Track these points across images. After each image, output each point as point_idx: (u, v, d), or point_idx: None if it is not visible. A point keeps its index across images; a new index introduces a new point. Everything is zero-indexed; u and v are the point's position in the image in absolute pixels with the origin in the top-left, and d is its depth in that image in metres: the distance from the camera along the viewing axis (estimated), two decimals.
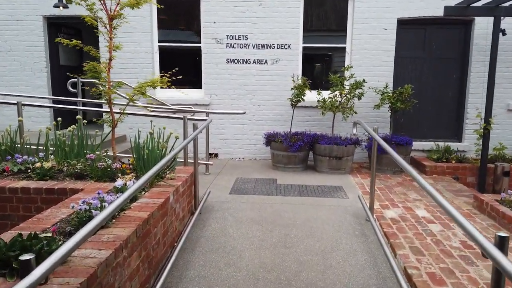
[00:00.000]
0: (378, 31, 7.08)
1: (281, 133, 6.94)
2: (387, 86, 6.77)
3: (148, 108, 6.43)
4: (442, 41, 7.27)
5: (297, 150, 6.31)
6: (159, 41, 7.46)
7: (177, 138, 4.26)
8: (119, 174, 3.70)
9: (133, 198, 3.04)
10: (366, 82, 6.46)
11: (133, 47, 7.30)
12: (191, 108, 7.32)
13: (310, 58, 7.62)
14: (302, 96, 6.44)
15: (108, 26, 4.23)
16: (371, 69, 7.17)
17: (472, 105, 7.13)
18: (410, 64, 7.38)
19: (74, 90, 7.39)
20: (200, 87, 7.54)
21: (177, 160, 4.53)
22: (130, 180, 3.26)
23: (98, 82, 4.42)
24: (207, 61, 7.33)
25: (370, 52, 7.13)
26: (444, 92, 7.41)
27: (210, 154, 7.56)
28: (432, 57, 7.34)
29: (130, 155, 4.08)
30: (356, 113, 6.45)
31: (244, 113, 6.12)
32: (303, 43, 7.35)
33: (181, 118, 5.36)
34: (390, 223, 4.07)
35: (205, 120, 4.96)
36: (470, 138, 7.10)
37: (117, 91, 4.87)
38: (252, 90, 7.36)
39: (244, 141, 7.51)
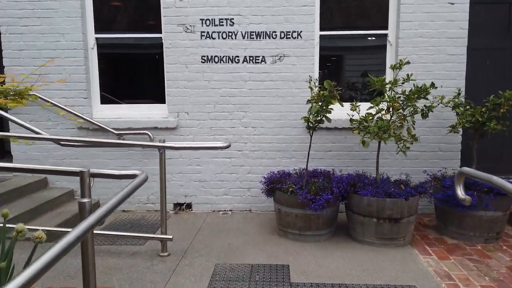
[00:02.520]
0: (441, 7, 4.46)
1: (290, 172, 4.27)
2: (459, 93, 4.12)
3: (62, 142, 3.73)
4: None
5: (322, 207, 3.62)
6: (97, 31, 4.81)
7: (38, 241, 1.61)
8: None
9: None
10: (436, 87, 3.80)
11: (54, 40, 4.64)
12: (147, 134, 4.63)
13: (330, 54, 4.99)
14: (327, 114, 3.78)
15: None
16: (429, 67, 4.53)
17: None
18: (488, 59, 4.75)
19: None
20: (163, 101, 4.87)
21: None
22: None
23: None
24: (172, 61, 4.68)
25: (427, 41, 4.51)
26: None
27: (179, 205, 4.84)
28: None
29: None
30: (417, 140, 3.78)
31: (226, 147, 3.43)
32: (320, 31, 4.72)
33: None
34: None
35: (132, 178, 2.20)
36: None
37: None
38: (243, 105, 4.70)
39: (232, 183, 4.82)
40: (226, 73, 4.67)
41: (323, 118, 3.83)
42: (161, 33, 4.68)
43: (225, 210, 4.85)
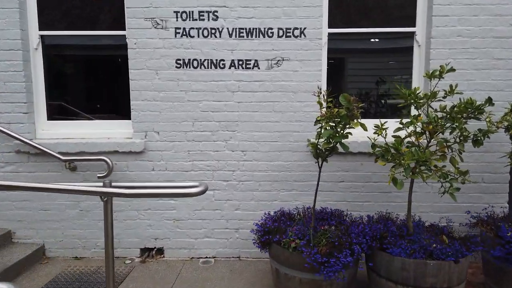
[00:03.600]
0: None
1: (291, 213, 3.22)
2: None
3: None
4: None
5: (337, 273, 2.56)
6: (42, 27, 3.73)
7: None
8: None
9: None
10: (493, 104, 2.77)
11: None
12: (104, 160, 3.56)
13: (339, 57, 3.97)
14: (342, 139, 2.73)
15: None
16: (469, 75, 3.51)
17: None
18: None
19: None
20: (127, 117, 3.79)
21: None
22: None
23: None
24: (137, 65, 3.61)
25: (468, 42, 3.49)
26: None
27: (148, 251, 3.76)
28: None
29: None
30: (467, 176, 2.73)
31: (200, 192, 2.33)
32: (329, 27, 3.69)
33: None
34: None
35: None
36: None
37: None
38: (229, 122, 3.65)
39: (215, 223, 3.75)
40: (208, 82, 3.61)
41: (338, 145, 2.78)
42: (124, 29, 3.62)
43: (206, 257, 3.77)
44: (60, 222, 3.75)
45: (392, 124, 2.96)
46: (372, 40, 3.88)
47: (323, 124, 2.79)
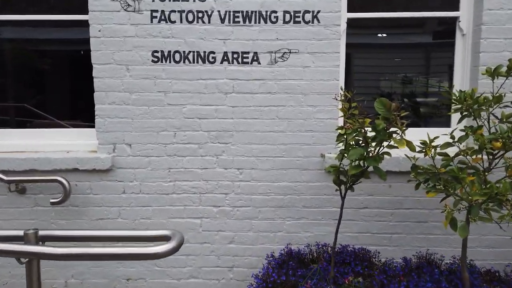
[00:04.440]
0: None
1: (302, 252, 2.43)
2: None
3: None
4: None
5: None
6: None
7: None
8: None
9: None
10: None
11: None
12: (59, 181, 2.76)
13: (359, 50, 3.20)
14: (378, 163, 1.94)
15: None
16: None
17: None
18: None
19: None
20: (91, 125, 2.98)
21: None
22: None
23: None
24: (103, 59, 2.80)
25: None
26: None
27: None
28: None
29: None
30: None
31: (169, 252, 1.58)
32: (349, 12, 2.89)
33: None
34: None
35: None
36: None
37: None
38: (221, 132, 2.85)
39: (203, 259, 2.95)
40: (194, 80, 2.81)
41: (369, 168, 2.00)
42: (86, 13, 2.80)
43: None
44: None
45: (421, 134, 2.15)
46: (400, 27, 3.10)
47: (348, 139, 2.00)
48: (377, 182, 2.78)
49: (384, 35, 3.53)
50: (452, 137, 2.18)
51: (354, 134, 2.03)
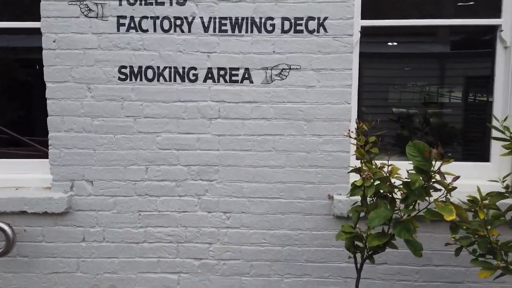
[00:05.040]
0: None
1: None
2: None
3: None
4: None
5: None
6: None
7: None
8: None
9: None
10: None
11: None
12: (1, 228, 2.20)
13: (373, 66, 2.64)
14: (411, 237, 1.36)
15: None
16: None
17: None
18: None
19: None
20: (42, 155, 2.42)
21: None
22: None
23: None
24: (59, 76, 2.26)
25: None
26: None
27: None
28: None
29: None
30: None
31: None
32: (363, 19, 2.33)
33: None
34: None
35: None
36: None
37: None
38: (204, 166, 2.29)
39: None
40: (170, 103, 2.26)
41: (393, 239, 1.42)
42: (39, 20, 2.27)
43: None
44: None
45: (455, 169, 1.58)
46: (426, 38, 2.54)
47: (367, 193, 1.43)
48: None
49: (395, 43, 2.98)
50: (506, 187, 1.61)
51: (376, 184, 1.46)
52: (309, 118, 2.25)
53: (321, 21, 2.21)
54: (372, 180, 1.43)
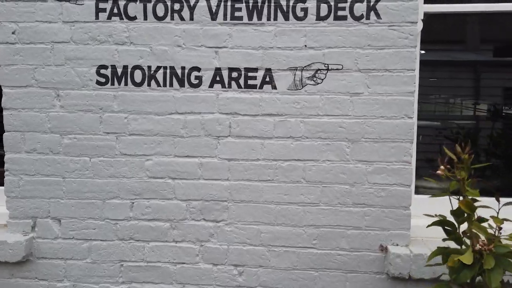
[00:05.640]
0: None
1: None
2: None
3: None
4: None
5: None
6: None
7: None
8: None
9: None
10: None
11: None
12: None
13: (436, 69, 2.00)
14: None
15: None
16: None
17: None
18: None
19: None
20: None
21: None
22: None
23: None
24: (19, 79, 1.70)
25: None
26: None
27: None
28: None
29: None
30: None
31: None
32: (426, 2, 1.70)
33: None
34: None
35: None
36: None
37: None
38: (209, 202, 1.68)
39: None
40: (165, 115, 1.67)
41: None
42: None
43: None
44: None
45: None
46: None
47: (489, 282, 0.78)
48: None
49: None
50: None
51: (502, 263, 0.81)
52: (354, 138, 1.62)
53: (372, 3, 1.59)
54: (493, 257, 0.80)
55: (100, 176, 1.71)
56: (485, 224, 1.04)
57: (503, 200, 1.16)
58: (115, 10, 1.66)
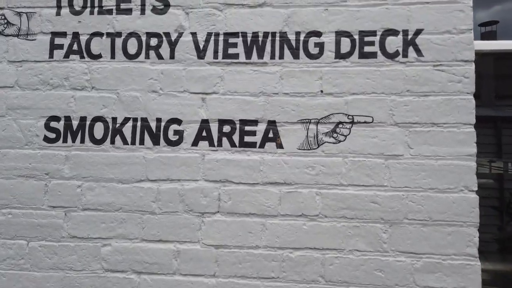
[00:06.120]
0: None
1: None
2: None
3: None
4: None
5: None
6: None
7: None
8: None
9: None
10: None
11: None
12: None
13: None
14: None
15: None
16: None
17: None
18: None
19: None
20: None
21: None
22: None
23: None
24: None
25: None
26: None
27: None
28: None
29: None
30: None
31: None
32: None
33: None
34: None
35: None
36: None
37: None
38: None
39: None
40: (131, 184, 1.23)
41: None
42: None
43: None
44: None
45: None
46: None
47: None
48: None
49: None
50: None
51: None
52: (393, 219, 1.14)
53: (410, 36, 1.19)
54: None
55: (39, 267, 1.23)
56: None
57: None
58: (75, 47, 1.29)
